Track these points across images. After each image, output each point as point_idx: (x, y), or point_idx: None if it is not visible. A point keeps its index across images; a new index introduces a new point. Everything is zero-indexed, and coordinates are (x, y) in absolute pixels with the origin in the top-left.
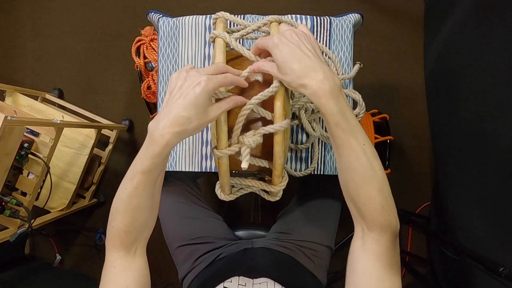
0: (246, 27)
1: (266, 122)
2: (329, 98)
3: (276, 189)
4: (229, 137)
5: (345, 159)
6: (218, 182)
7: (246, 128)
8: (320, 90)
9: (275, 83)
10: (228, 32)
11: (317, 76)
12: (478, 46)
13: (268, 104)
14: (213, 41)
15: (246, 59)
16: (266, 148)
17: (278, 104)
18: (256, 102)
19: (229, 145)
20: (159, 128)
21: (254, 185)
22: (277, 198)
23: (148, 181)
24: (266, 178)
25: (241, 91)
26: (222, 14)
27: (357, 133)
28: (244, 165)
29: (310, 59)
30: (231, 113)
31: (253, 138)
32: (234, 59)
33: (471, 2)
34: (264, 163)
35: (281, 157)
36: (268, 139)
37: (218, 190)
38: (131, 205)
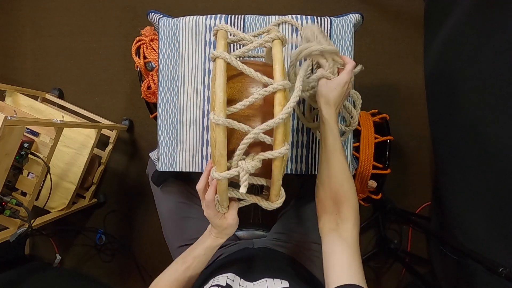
0: (247, 41)
1: (265, 146)
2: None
3: (272, 206)
4: (229, 157)
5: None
6: (216, 196)
7: (245, 150)
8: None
9: (280, 115)
10: (229, 42)
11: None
12: (478, 46)
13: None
14: (214, 61)
15: (247, 76)
16: (264, 167)
17: (279, 131)
18: (260, 131)
19: (229, 168)
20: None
21: (252, 200)
22: (276, 207)
23: None
24: (264, 192)
25: (250, 115)
26: (223, 26)
27: (338, 139)
28: (243, 190)
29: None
30: (232, 137)
31: (251, 163)
32: (235, 76)
33: (471, 2)
34: (262, 181)
35: (279, 179)
36: (268, 159)
37: (216, 204)
38: None
